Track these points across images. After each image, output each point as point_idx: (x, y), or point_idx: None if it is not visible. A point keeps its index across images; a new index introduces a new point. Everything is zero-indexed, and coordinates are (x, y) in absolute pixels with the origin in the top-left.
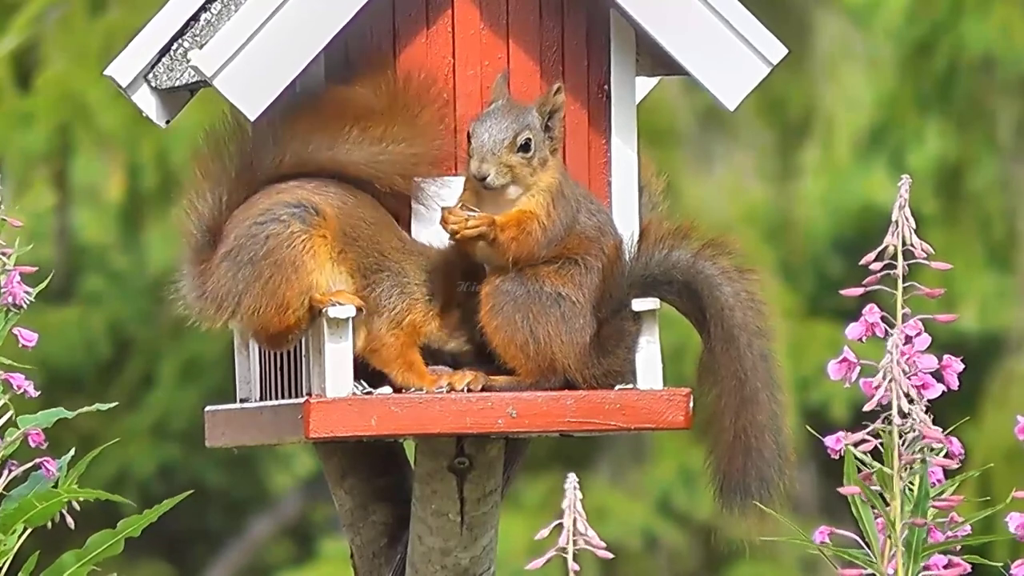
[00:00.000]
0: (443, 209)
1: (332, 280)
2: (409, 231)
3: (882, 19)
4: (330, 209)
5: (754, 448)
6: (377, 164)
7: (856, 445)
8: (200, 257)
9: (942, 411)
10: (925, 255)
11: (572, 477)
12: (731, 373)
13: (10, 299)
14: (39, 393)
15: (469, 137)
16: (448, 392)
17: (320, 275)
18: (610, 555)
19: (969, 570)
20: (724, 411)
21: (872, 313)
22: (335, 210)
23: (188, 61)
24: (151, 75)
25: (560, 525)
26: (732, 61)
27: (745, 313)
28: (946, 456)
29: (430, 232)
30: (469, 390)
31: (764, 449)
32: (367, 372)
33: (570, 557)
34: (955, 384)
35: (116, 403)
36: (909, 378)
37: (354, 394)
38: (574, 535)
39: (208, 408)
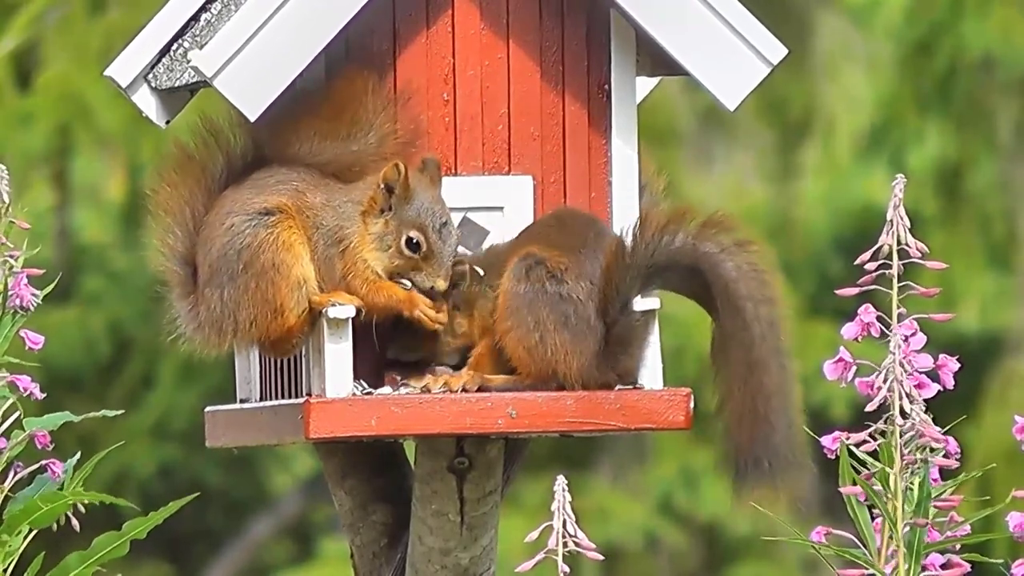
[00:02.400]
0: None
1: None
2: None
3: (882, 19)
4: (278, 198)
5: (761, 416)
6: (320, 161)
7: (857, 445)
8: (187, 290)
9: (942, 411)
10: (920, 254)
11: (561, 479)
12: (739, 343)
13: (17, 301)
14: (44, 395)
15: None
16: (446, 393)
17: (302, 267)
18: (600, 557)
19: (969, 570)
20: (734, 380)
21: (867, 313)
22: (283, 195)
23: (188, 61)
24: (151, 75)
25: (551, 527)
26: (732, 61)
27: (748, 284)
28: (943, 456)
29: None
30: (465, 390)
31: (771, 415)
32: (366, 373)
33: (560, 559)
34: (951, 383)
35: (122, 411)
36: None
37: (354, 394)
38: (564, 537)
39: (208, 408)
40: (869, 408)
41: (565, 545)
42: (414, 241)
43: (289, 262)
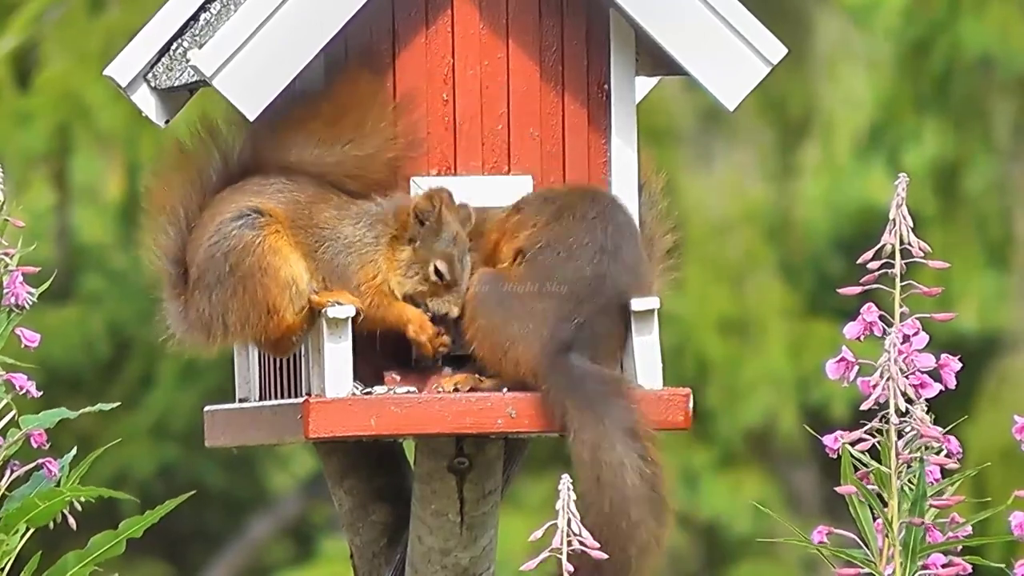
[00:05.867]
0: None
1: (303, 267)
2: None
3: (881, 19)
4: (273, 204)
5: None
6: (323, 165)
7: (854, 444)
8: (177, 291)
9: (940, 410)
10: (922, 253)
11: (566, 478)
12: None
13: (12, 300)
14: (40, 393)
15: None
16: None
17: (291, 268)
18: (604, 556)
19: (970, 570)
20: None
21: (870, 312)
22: (279, 204)
23: (188, 61)
24: (150, 75)
25: (555, 525)
26: (732, 61)
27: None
28: (945, 455)
29: None
30: (457, 390)
31: None
32: (363, 373)
33: (564, 558)
34: (952, 383)
35: (119, 403)
36: (907, 377)
37: (353, 394)
38: (568, 536)
39: (208, 408)
40: (864, 407)
41: (569, 544)
42: (441, 271)
43: (276, 264)
